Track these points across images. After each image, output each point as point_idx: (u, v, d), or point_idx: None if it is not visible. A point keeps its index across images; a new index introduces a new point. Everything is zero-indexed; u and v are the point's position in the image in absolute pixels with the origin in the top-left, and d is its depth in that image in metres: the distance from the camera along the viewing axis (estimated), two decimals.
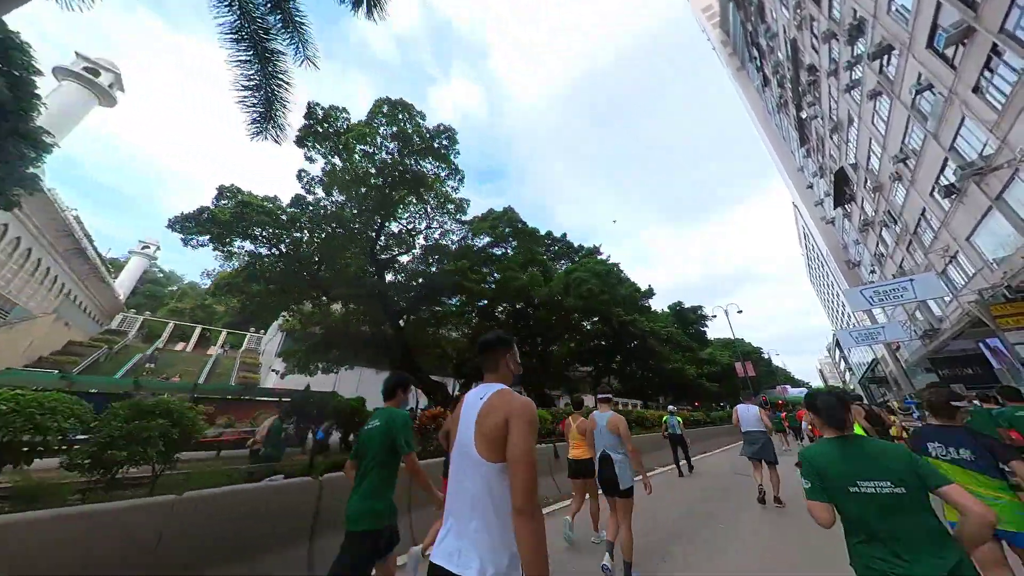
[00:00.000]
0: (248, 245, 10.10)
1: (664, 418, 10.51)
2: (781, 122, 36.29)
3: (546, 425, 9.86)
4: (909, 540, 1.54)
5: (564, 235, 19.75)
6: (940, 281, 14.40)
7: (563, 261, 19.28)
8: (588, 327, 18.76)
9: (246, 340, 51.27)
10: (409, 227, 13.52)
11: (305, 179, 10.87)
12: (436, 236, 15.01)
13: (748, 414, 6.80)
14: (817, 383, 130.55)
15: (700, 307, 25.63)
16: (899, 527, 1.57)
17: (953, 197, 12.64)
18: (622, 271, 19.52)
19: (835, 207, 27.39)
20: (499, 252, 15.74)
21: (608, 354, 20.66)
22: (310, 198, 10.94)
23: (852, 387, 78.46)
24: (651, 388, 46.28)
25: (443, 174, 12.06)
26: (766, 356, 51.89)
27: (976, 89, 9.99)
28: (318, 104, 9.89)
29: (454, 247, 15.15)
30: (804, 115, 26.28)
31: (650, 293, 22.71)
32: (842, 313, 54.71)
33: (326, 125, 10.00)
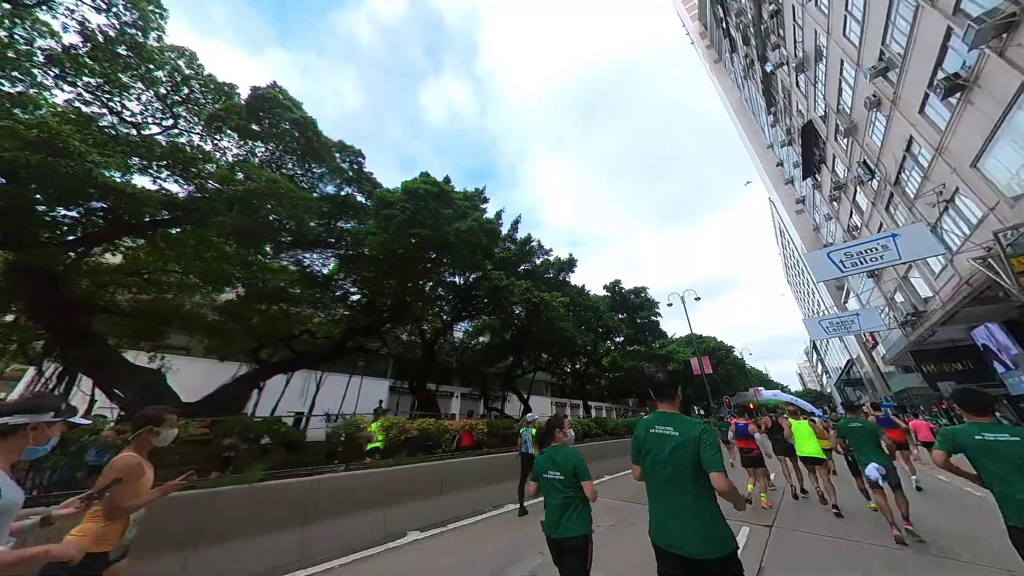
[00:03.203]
0: None
1: (520, 431, 7.53)
2: (750, 93, 33.05)
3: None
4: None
5: (447, 178, 13.30)
6: (932, 235, 10.32)
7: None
8: (449, 297, 13.82)
9: None
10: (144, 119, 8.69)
11: None
12: (209, 150, 10.06)
13: None
14: (796, 387, 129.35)
15: (644, 288, 20.95)
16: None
17: (958, 96, 8.53)
18: (480, 201, 13.12)
19: (804, 177, 23.72)
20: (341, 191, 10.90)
21: (515, 340, 15.87)
22: None
23: (828, 390, 76.13)
24: (610, 389, 41.62)
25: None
26: (739, 356, 48.07)
27: None
28: None
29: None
30: (769, 67, 22.51)
31: (570, 264, 17.62)
32: (817, 311, 51.74)
33: None
